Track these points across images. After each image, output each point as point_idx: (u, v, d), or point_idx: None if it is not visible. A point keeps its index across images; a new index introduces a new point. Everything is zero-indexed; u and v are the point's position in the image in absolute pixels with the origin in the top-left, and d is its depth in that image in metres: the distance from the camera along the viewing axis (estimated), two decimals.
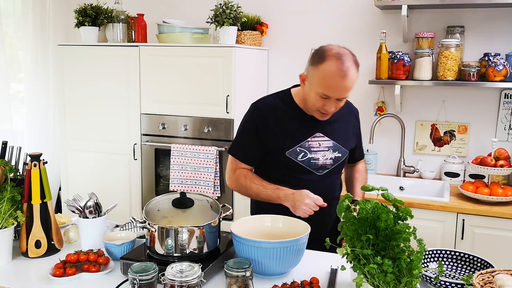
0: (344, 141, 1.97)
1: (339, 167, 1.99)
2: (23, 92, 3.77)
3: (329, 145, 1.92)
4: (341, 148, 1.95)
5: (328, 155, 1.91)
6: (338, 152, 1.93)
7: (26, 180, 1.73)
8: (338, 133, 1.95)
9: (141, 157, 3.32)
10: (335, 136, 1.94)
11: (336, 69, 1.70)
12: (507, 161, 2.77)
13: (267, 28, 3.41)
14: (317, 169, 1.91)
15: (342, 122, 1.98)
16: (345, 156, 1.98)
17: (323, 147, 1.91)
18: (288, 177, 1.90)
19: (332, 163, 1.93)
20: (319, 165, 1.90)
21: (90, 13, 3.28)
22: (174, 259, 1.56)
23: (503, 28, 2.99)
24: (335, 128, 1.94)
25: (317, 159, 1.90)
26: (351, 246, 1.36)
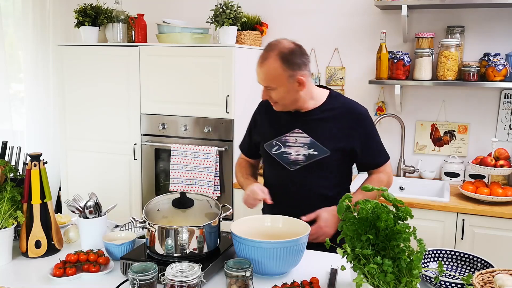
0: (327, 140, 1.89)
1: (316, 165, 1.90)
2: (23, 92, 3.77)
3: (305, 142, 1.91)
4: (319, 147, 1.89)
5: (301, 151, 1.91)
6: (314, 150, 1.89)
7: (26, 180, 1.73)
8: (321, 131, 1.90)
9: (141, 157, 3.32)
10: (316, 134, 1.90)
11: (259, 57, 1.84)
12: (507, 161, 2.77)
13: (267, 28, 3.41)
14: (288, 164, 1.93)
15: (332, 122, 1.91)
16: (325, 155, 1.88)
17: (299, 143, 1.92)
18: (269, 170, 2.05)
19: (305, 159, 1.91)
20: (290, 160, 1.93)
21: (90, 13, 3.28)
22: (174, 259, 1.56)
23: (503, 28, 2.99)
24: (318, 126, 1.91)
25: (289, 154, 1.93)
26: (351, 246, 1.36)
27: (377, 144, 1.97)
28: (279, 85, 1.82)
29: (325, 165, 1.91)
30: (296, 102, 1.89)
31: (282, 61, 1.79)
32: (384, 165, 1.98)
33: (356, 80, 3.33)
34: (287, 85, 1.82)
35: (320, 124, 1.92)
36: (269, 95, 1.86)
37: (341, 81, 3.36)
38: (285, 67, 1.79)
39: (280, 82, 1.81)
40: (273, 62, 1.79)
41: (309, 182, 1.93)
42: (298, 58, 1.82)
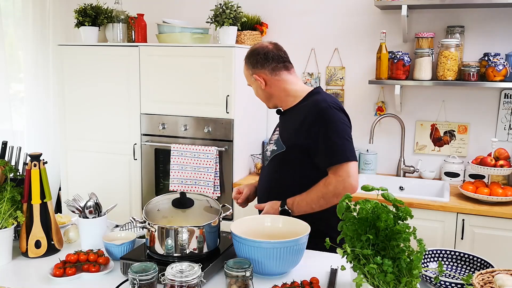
0: (286, 136, 1.94)
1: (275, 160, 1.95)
2: (23, 92, 3.77)
3: (274, 138, 2.03)
4: (279, 142, 1.96)
5: (271, 147, 2.02)
6: (275, 145, 1.98)
7: (26, 180, 1.73)
8: (287, 128, 1.98)
9: (141, 157, 3.32)
10: (283, 131, 2.00)
11: None
12: (507, 161, 2.77)
13: (267, 28, 3.41)
14: (265, 160, 2.07)
15: (295, 119, 1.92)
16: (281, 150, 1.91)
17: (273, 140, 2.04)
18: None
19: (270, 155, 2.01)
20: (266, 156, 2.05)
21: (90, 13, 3.28)
22: (174, 259, 1.56)
23: (503, 28, 2.99)
24: (287, 123, 2.01)
25: (266, 151, 2.06)
26: (351, 246, 1.36)
27: (331, 142, 1.82)
28: (250, 83, 2.05)
29: (283, 160, 1.94)
30: (271, 99, 2.02)
31: (245, 61, 2.02)
32: (336, 166, 1.81)
33: (356, 80, 3.33)
34: (253, 83, 2.02)
35: (289, 121, 1.98)
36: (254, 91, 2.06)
37: (341, 81, 3.36)
38: (246, 66, 2.02)
39: (248, 80, 2.05)
40: (244, 63, 2.04)
41: (272, 176, 2.01)
42: (254, 58, 1.97)
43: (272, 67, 1.95)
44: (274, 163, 1.97)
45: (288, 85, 1.98)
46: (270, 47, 1.98)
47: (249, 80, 2.04)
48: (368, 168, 3.28)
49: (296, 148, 1.89)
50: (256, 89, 2.03)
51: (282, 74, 1.97)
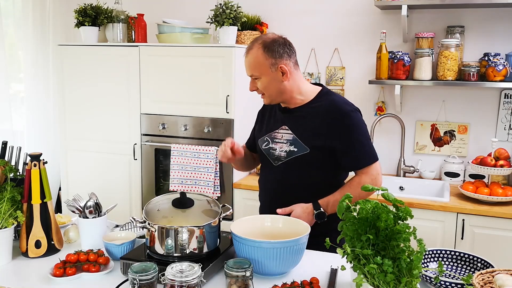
0: (308, 138, 1.89)
1: (297, 162, 1.91)
2: (23, 92, 3.77)
3: (288, 138, 1.94)
4: (300, 144, 1.90)
5: (284, 147, 1.94)
6: (294, 146, 1.91)
7: (26, 180, 1.73)
8: (303, 128, 1.91)
9: (141, 157, 3.32)
10: (299, 131, 1.92)
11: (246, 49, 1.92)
12: (507, 161, 2.77)
13: (267, 28, 3.41)
14: (273, 159, 1.97)
15: (314, 119, 1.90)
16: (304, 152, 1.88)
17: (284, 139, 1.95)
18: (261, 165, 2.12)
19: (286, 155, 1.93)
20: (275, 156, 1.97)
21: (90, 13, 3.28)
22: (174, 259, 1.56)
23: (503, 28, 2.99)
24: (301, 123, 1.93)
25: (275, 150, 1.97)
26: (351, 246, 1.36)
27: (361, 145, 1.88)
28: (262, 74, 1.87)
29: (305, 162, 1.90)
30: (282, 94, 1.91)
31: (264, 49, 1.85)
32: (368, 167, 1.89)
33: (356, 80, 3.33)
34: (270, 74, 1.86)
35: (304, 121, 1.92)
36: (256, 86, 1.91)
37: (341, 81, 3.36)
38: (267, 55, 1.85)
39: (263, 70, 1.86)
40: (256, 50, 1.86)
41: (289, 178, 1.94)
42: (281, 48, 1.87)
43: (295, 61, 1.92)
44: (293, 165, 1.92)
45: (301, 83, 1.94)
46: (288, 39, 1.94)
47: (262, 70, 1.85)
48: None
49: (319, 150, 1.88)
50: (271, 80, 1.87)
51: (299, 71, 1.95)
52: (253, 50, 1.87)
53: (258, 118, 2.17)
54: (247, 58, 1.89)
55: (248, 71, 1.90)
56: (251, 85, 1.92)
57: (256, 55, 1.86)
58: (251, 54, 1.88)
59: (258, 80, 1.88)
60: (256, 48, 1.86)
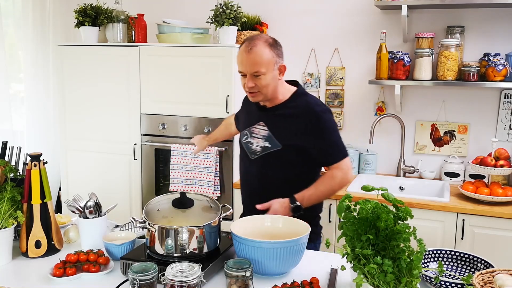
0: (282, 135, 2.00)
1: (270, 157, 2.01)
2: (23, 92, 3.76)
3: (264, 134, 2.04)
4: (274, 141, 2.00)
5: (260, 142, 2.04)
6: (269, 142, 2.01)
7: (26, 180, 1.73)
8: (278, 126, 2.02)
9: (141, 157, 3.32)
10: (274, 128, 2.02)
11: (243, 47, 1.94)
12: (507, 161, 2.77)
13: (267, 28, 3.41)
14: (250, 153, 2.08)
15: (289, 118, 2.01)
16: (276, 148, 1.99)
17: (260, 135, 2.06)
18: (240, 156, 2.22)
19: (261, 150, 2.04)
20: (252, 149, 2.08)
21: (90, 13, 3.28)
22: (174, 259, 1.56)
23: (503, 28, 2.99)
24: (277, 121, 2.03)
25: (252, 144, 2.08)
26: (351, 246, 1.36)
27: (332, 143, 2.01)
28: (268, 70, 1.92)
29: (278, 158, 2.01)
30: (274, 93, 2.00)
31: (270, 48, 1.93)
32: (339, 162, 2.00)
33: (356, 80, 3.33)
34: (272, 72, 1.95)
35: (280, 120, 2.03)
36: (255, 83, 1.94)
37: (341, 81, 3.36)
38: (273, 52, 1.93)
39: (269, 67, 1.93)
40: (263, 48, 1.91)
41: (264, 171, 2.05)
42: (280, 47, 1.99)
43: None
44: (267, 159, 2.03)
45: (282, 82, 2.05)
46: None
47: (268, 67, 1.92)
48: (368, 168, 3.28)
49: (291, 147, 1.99)
50: (273, 78, 1.95)
51: None
52: (258, 47, 1.90)
53: (242, 106, 2.29)
54: (252, 54, 1.90)
55: (253, 67, 1.91)
56: (251, 81, 1.93)
57: (264, 52, 1.90)
58: (257, 50, 1.90)
59: (261, 76, 1.92)
60: (262, 46, 1.91)
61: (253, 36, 1.97)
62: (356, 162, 3.30)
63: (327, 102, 3.40)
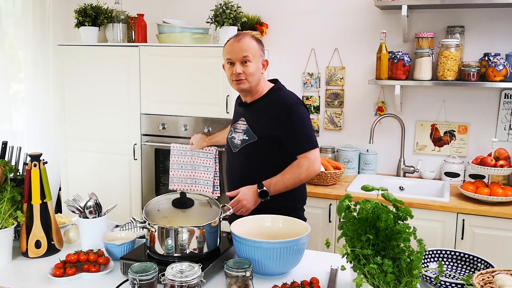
0: (256, 128, 2.15)
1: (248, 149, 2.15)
2: (23, 92, 3.76)
3: (243, 129, 2.20)
4: (250, 133, 2.16)
5: (240, 136, 2.20)
6: (246, 135, 2.17)
7: (26, 180, 1.73)
8: (255, 120, 2.17)
9: (141, 157, 3.32)
10: (251, 122, 2.18)
11: (233, 39, 2.16)
12: (507, 161, 2.77)
13: (267, 28, 3.41)
14: (233, 147, 2.24)
15: (262, 112, 2.16)
16: (253, 140, 2.14)
17: (240, 129, 2.22)
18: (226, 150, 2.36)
19: (240, 143, 2.19)
20: (234, 143, 2.23)
21: (90, 13, 3.28)
22: (174, 259, 1.56)
23: (503, 28, 2.99)
24: (253, 115, 2.19)
25: (234, 138, 2.24)
26: (351, 246, 1.36)
27: (301, 134, 2.12)
28: (254, 59, 2.11)
29: (254, 149, 2.15)
30: (257, 85, 2.16)
31: (256, 42, 2.15)
32: (307, 152, 2.10)
33: (356, 80, 3.33)
34: (258, 62, 2.13)
35: (256, 114, 2.18)
36: (242, 70, 2.09)
37: (341, 81, 3.36)
38: (259, 46, 2.15)
39: (255, 57, 2.11)
40: (250, 39, 2.13)
41: (244, 163, 2.18)
42: (263, 47, 2.19)
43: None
44: (246, 151, 2.17)
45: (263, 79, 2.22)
46: None
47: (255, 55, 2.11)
48: (368, 168, 3.28)
49: (267, 139, 2.13)
50: (257, 68, 2.13)
51: None
52: (247, 38, 2.12)
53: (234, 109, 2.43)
54: (241, 42, 2.10)
55: (242, 52, 2.08)
56: (239, 67, 2.09)
57: (252, 42, 2.12)
58: (246, 39, 2.11)
59: (249, 63, 2.10)
60: (249, 38, 2.13)
61: (242, 33, 2.21)
62: (356, 162, 3.30)
63: (327, 102, 3.40)
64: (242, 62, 2.09)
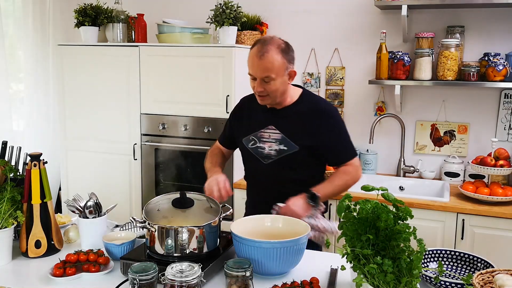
0: (296, 137, 2.00)
1: (287, 160, 2.01)
2: (23, 92, 3.76)
3: (277, 138, 2.03)
4: (290, 143, 2.00)
5: (274, 146, 2.03)
6: (284, 145, 2.01)
7: (26, 180, 1.73)
8: (291, 128, 2.02)
9: (141, 157, 3.32)
10: (287, 130, 2.02)
11: (256, 50, 1.91)
12: (507, 161, 2.77)
13: (267, 28, 3.41)
14: (263, 158, 2.06)
15: (299, 119, 2.02)
16: (294, 150, 1.99)
17: (272, 138, 2.04)
18: (246, 163, 2.18)
19: (276, 154, 2.03)
20: (264, 154, 2.05)
21: (90, 13, 3.28)
22: (174, 259, 1.56)
23: (503, 28, 2.99)
24: (288, 123, 2.03)
25: (263, 149, 2.05)
26: (351, 246, 1.36)
27: (343, 142, 2.06)
28: (278, 76, 1.91)
29: (294, 160, 2.01)
30: (283, 95, 2.00)
31: (282, 54, 1.91)
32: (351, 161, 2.06)
33: (356, 80, 3.33)
34: (282, 77, 1.93)
35: (290, 121, 2.03)
36: (264, 87, 1.93)
37: (341, 81, 3.36)
38: (285, 59, 1.92)
39: (280, 73, 1.91)
40: (275, 54, 1.89)
41: (280, 175, 2.04)
42: (292, 52, 1.98)
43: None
44: (283, 162, 2.02)
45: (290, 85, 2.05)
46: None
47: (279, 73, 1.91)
48: (368, 168, 3.28)
49: (306, 148, 2.00)
50: (282, 83, 1.94)
51: None
52: (270, 53, 1.88)
53: (234, 118, 2.24)
54: (264, 60, 1.88)
55: (264, 72, 1.90)
56: (260, 86, 1.92)
57: (276, 58, 1.89)
58: (269, 56, 1.88)
59: (271, 82, 1.91)
60: (274, 52, 1.89)
61: (266, 40, 1.93)
62: None
63: None
64: (263, 80, 1.91)
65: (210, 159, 2.25)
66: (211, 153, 2.29)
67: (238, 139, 2.17)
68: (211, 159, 2.25)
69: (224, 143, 2.31)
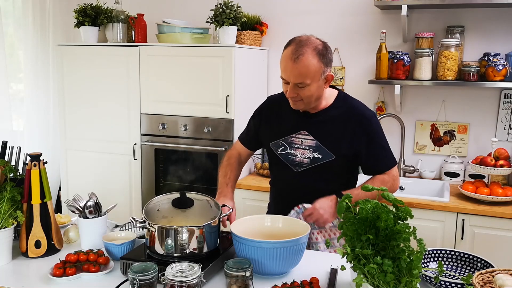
0: (332, 144, 1.87)
1: (321, 169, 1.89)
2: (23, 92, 3.76)
3: (311, 145, 1.90)
4: (325, 150, 1.87)
5: (307, 154, 1.90)
6: (319, 153, 1.88)
7: (26, 180, 1.73)
8: (326, 134, 1.89)
9: (141, 157, 3.32)
10: (322, 137, 1.89)
11: (289, 52, 1.77)
12: (507, 161, 2.77)
13: (267, 28, 3.41)
14: (294, 165, 1.93)
15: (335, 125, 1.89)
16: (329, 159, 1.87)
17: (304, 145, 1.91)
18: (274, 168, 2.04)
19: (309, 162, 1.89)
20: (296, 162, 1.92)
21: (90, 13, 3.28)
22: (174, 259, 1.56)
23: (503, 28, 2.99)
24: (323, 129, 1.89)
25: (295, 156, 1.92)
26: (351, 246, 1.36)
27: (382, 149, 1.91)
28: (313, 81, 1.77)
29: (330, 168, 1.88)
30: (318, 100, 1.86)
31: (319, 57, 1.76)
32: (390, 170, 1.92)
33: (356, 80, 3.33)
34: (318, 82, 1.79)
35: (325, 127, 1.89)
36: (297, 93, 1.80)
37: (341, 81, 3.36)
38: (322, 63, 1.77)
39: (315, 78, 1.77)
40: (311, 57, 1.75)
41: (313, 184, 1.91)
42: (330, 55, 1.83)
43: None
44: (317, 171, 1.89)
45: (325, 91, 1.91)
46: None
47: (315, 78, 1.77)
48: None
49: (343, 156, 1.88)
50: (318, 88, 1.80)
51: None
52: (306, 56, 1.74)
53: (260, 118, 2.06)
54: (299, 64, 1.74)
55: (298, 78, 1.76)
56: (293, 91, 1.79)
57: (312, 63, 1.75)
58: (304, 61, 1.74)
59: (305, 87, 1.78)
60: (310, 55, 1.75)
61: (302, 40, 1.79)
62: None
63: None
64: (297, 85, 1.77)
65: (224, 170, 2.07)
66: (227, 161, 2.11)
67: (265, 142, 2.03)
68: (225, 170, 2.07)
69: (246, 144, 2.14)
